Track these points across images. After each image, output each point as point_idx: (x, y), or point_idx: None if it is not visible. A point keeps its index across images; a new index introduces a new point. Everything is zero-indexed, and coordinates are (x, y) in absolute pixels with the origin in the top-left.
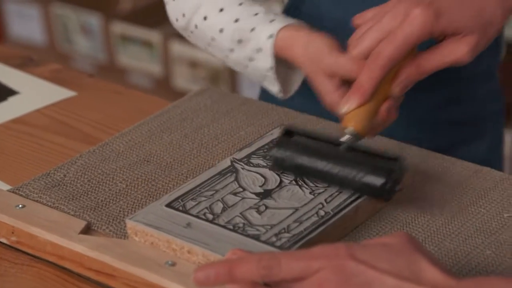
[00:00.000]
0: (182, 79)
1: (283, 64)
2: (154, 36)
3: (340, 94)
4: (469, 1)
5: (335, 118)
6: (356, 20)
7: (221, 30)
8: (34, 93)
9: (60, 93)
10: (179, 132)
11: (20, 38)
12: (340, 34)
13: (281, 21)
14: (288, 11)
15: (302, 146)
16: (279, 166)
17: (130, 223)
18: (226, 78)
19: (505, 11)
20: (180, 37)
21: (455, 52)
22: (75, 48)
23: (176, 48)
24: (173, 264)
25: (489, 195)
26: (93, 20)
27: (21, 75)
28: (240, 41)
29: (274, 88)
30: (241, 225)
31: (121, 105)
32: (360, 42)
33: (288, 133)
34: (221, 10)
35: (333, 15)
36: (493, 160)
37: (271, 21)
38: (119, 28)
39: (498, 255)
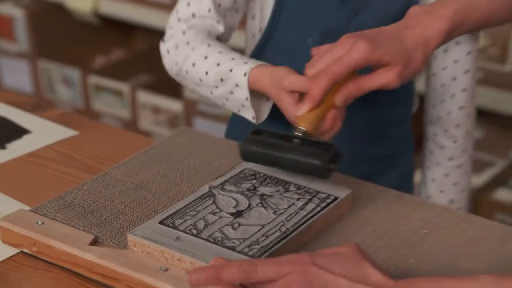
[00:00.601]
0: (146, 122)
1: (256, 96)
2: (123, 87)
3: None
4: (398, 41)
5: None
6: (313, 51)
7: (206, 73)
8: (44, 132)
9: (65, 132)
10: (165, 163)
11: (11, 88)
12: None
13: (253, 62)
14: None
15: (265, 140)
16: (247, 156)
17: (130, 237)
18: (183, 121)
19: (424, 54)
20: (145, 88)
21: (386, 76)
22: (58, 96)
23: (142, 96)
24: (166, 270)
25: (410, 216)
26: (73, 73)
27: (33, 117)
28: (222, 80)
29: (249, 115)
30: (220, 238)
31: (115, 142)
32: (315, 65)
33: (256, 132)
34: (206, 57)
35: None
36: (405, 188)
37: (245, 63)
38: (94, 80)
39: (419, 263)
